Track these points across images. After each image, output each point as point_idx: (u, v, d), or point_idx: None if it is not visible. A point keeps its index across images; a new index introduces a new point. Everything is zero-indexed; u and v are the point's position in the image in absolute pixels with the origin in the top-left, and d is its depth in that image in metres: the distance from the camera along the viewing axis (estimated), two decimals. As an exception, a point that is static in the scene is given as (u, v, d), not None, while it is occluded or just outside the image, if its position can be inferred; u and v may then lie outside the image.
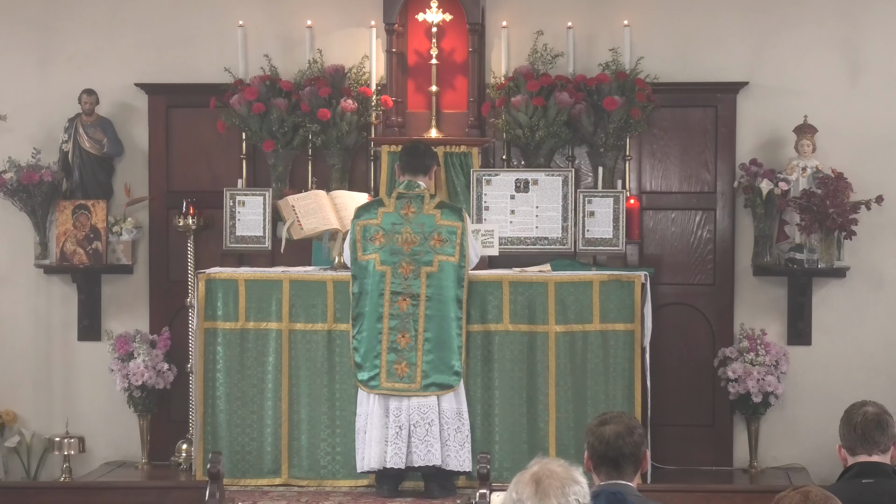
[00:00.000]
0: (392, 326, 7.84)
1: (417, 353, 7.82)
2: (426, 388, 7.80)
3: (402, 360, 7.81)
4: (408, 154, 8.11)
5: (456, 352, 7.86)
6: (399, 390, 7.79)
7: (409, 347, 7.83)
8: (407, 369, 7.81)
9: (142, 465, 8.99)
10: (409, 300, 7.86)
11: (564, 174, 8.79)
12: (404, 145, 8.35)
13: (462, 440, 7.86)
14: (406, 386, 7.79)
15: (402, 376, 7.80)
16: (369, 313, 7.87)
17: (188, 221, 8.91)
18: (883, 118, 9.01)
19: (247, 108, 8.92)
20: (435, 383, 7.81)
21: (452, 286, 7.89)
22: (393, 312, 7.84)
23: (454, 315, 7.88)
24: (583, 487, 3.82)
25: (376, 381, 7.81)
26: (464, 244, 7.92)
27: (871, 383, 8.71)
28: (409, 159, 8.07)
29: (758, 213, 8.82)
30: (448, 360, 7.84)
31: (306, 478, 8.17)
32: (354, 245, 7.94)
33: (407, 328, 7.84)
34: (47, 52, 9.38)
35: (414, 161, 8.05)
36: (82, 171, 9.18)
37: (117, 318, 9.32)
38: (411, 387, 7.79)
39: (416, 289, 7.85)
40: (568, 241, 8.71)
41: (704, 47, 9.11)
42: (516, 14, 9.12)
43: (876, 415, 5.25)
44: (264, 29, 9.25)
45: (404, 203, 7.95)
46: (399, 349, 7.82)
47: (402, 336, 7.84)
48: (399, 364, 7.81)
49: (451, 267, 7.89)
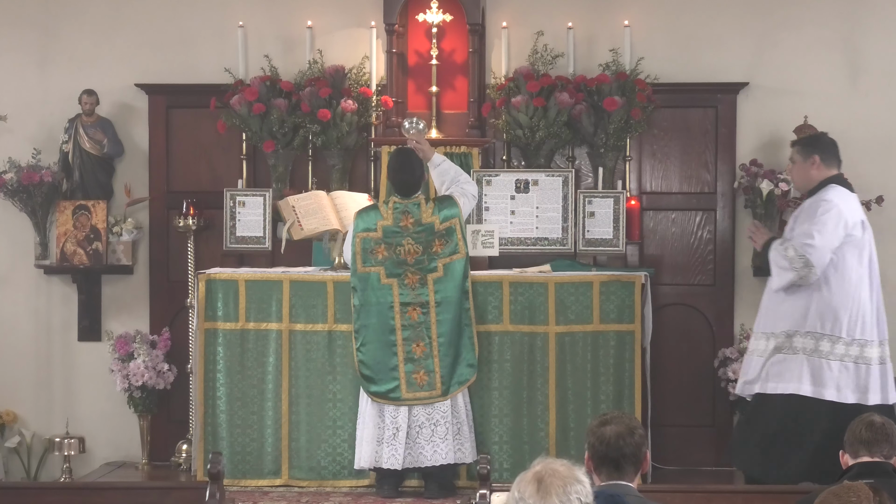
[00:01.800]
0: (406, 337, 7.83)
1: (434, 360, 7.81)
2: (448, 391, 7.81)
3: (420, 368, 7.82)
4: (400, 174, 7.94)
5: (468, 344, 7.88)
6: (422, 399, 7.80)
7: (424, 355, 7.83)
8: (426, 377, 7.81)
9: (142, 465, 8.99)
10: (420, 309, 7.85)
11: (565, 175, 8.80)
12: (392, 163, 8.11)
13: (466, 432, 7.87)
14: (428, 394, 7.81)
15: (423, 385, 7.80)
16: (376, 326, 7.85)
17: (188, 222, 8.91)
18: (883, 119, 9.02)
19: (247, 109, 8.92)
20: (457, 382, 7.84)
21: (459, 282, 7.88)
22: (405, 323, 7.84)
23: (463, 308, 7.90)
24: (585, 487, 3.83)
25: (397, 393, 7.80)
26: (463, 232, 7.90)
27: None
28: (403, 178, 7.92)
29: (758, 213, 8.82)
30: (463, 355, 7.87)
31: (306, 478, 8.17)
32: (355, 257, 7.92)
33: (421, 337, 7.84)
34: (47, 53, 9.39)
35: (409, 179, 7.91)
36: (82, 172, 9.18)
37: (117, 318, 9.32)
38: (433, 394, 7.81)
39: (424, 297, 7.85)
40: (568, 242, 8.72)
41: (705, 48, 9.12)
42: (516, 14, 9.12)
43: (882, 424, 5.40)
44: (264, 29, 9.26)
45: (401, 214, 7.91)
46: (415, 358, 7.82)
47: (417, 345, 7.84)
48: (417, 373, 7.81)
49: (456, 265, 7.89)
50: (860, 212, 7.62)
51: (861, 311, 7.46)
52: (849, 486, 4.25)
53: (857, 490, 4.21)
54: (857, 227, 7.51)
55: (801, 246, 7.41)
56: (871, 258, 7.58)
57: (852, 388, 7.41)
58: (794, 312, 7.49)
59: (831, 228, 7.42)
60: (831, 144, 7.71)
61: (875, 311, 7.53)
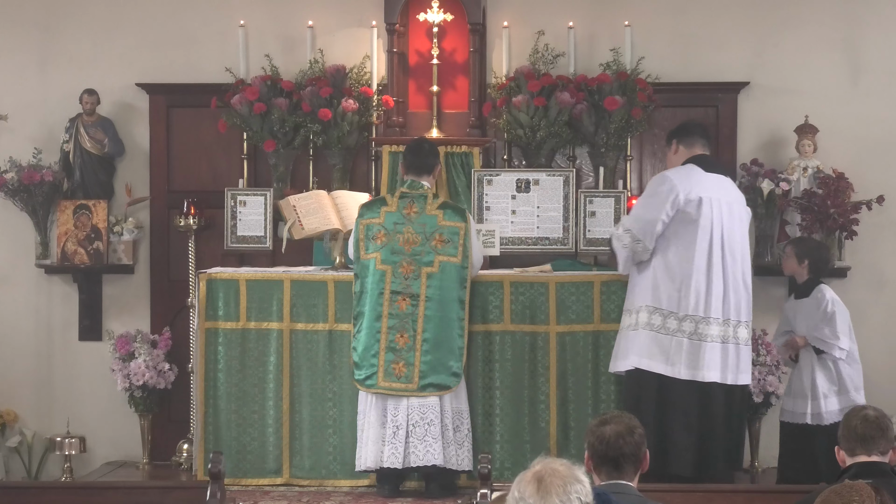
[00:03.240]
0: (391, 326, 7.83)
1: (416, 354, 7.81)
2: (423, 388, 7.78)
3: (400, 359, 7.80)
4: (412, 153, 8.09)
5: (456, 353, 7.85)
6: (396, 390, 7.78)
7: (407, 347, 7.82)
8: (404, 369, 7.80)
9: (143, 465, 8.99)
10: (409, 300, 7.85)
11: (565, 174, 8.79)
12: (409, 144, 8.32)
13: (461, 439, 7.86)
14: (403, 386, 7.78)
15: (400, 376, 7.79)
16: (368, 312, 7.86)
17: (189, 221, 8.91)
18: (884, 118, 9.02)
19: (248, 108, 8.92)
20: (433, 384, 7.80)
21: (454, 287, 7.87)
22: (392, 312, 7.84)
23: (456, 316, 7.87)
24: (585, 486, 3.83)
25: (373, 381, 7.79)
26: (466, 245, 7.90)
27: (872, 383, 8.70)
28: (413, 159, 8.05)
29: (759, 213, 8.82)
30: (446, 361, 7.82)
31: (307, 478, 8.17)
32: (357, 243, 7.93)
33: (406, 328, 7.83)
34: (48, 53, 9.39)
35: (418, 161, 8.04)
36: (83, 171, 9.19)
37: (118, 318, 9.32)
38: (408, 387, 7.78)
39: (415, 289, 7.84)
40: (569, 242, 8.72)
41: (705, 47, 9.12)
42: (517, 14, 9.12)
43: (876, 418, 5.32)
44: (265, 29, 9.26)
45: (407, 202, 7.94)
46: (397, 349, 7.81)
47: (401, 336, 7.83)
48: (397, 364, 7.80)
49: (453, 268, 7.88)
50: (709, 190, 7.64)
51: (696, 288, 7.54)
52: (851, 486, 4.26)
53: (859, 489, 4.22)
54: (692, 205, 7.59)
55: (627, 221, 7.74)
56: (723, 237, 7.59)
57: (686, 364, 7.51)
58: (642, 289, 7.69)
59: (656, 203, 7.62)
60: (693, 127, 7.96)
61: (722, 290, 7.56)
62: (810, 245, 8.28)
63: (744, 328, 7.67)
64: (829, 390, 7.96)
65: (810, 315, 8.05)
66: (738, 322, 7.64)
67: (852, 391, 7.95)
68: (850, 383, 7.97)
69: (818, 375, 7.97)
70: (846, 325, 7.97)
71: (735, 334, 7.60)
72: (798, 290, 8.17)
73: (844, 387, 7.96)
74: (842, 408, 7.84)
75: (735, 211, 7.72)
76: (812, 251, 8.18)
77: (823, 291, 8.04)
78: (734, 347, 7.61)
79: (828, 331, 7.91)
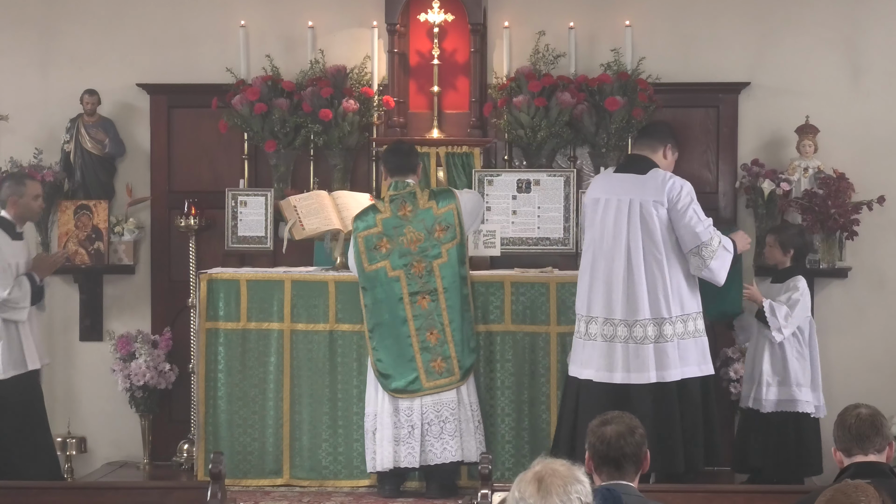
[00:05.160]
0: (418, 327, 7.84)
1: (449, 346, 7.83)
2: (464, 376, 7.85)
3: (437, 356, 7.83)
4: (394, 155, 8.07)
5: (469, 329, 7.91)
6: (443, 386, 7.81)
7: (439, 342, 7.84)
8: (443, 364, 7.82)
9: (143, 465, 9.00)
10: (429, 297, 7.86)
11: (566, 174, 8.80)
12: (387, 147, 8.31)
13: (473, 430, 7.87)
14: (448, 381, 7.82)
15: (441, 372, 7.82)
16: (389, 321, 7.86)
17: (190, 222, 8.92)
18: (884, 118, 9.02)
19: (248, 109, 8.93)
20: (467, 367, 7.87)
21: (457, 265, 7.90)
22: (416, 313, 7.84)
23: (463, 293, 7.92)
24: (585, 486, 3.83)
25: (417, 384, 7.80)
26: (461, 220, 7.91)
27: (872, 383, 8.72)
28: (397, 160, 8.04)
29: (759, 213, 8.82)
30: (468, 339, 7.88)
31: (308, 478, 8.18)
32: (359, 256, 7.92)
33: (433, 325, 7.85)
34: (49, 53, 9.39)
35: (402, 161, 8.03)
36: (84, 172, 9.19)
37: (119, 318, 9.32)
38: (452, 380, 7.83)
39: (432, 284, 7.86)
40: (570, 242, 8.72)
41: (706, 48, 9.12)
42: (518, 14, 9.12)
43: (870, 416, 5.28)
44: (266, 29, 9.26)
45: (399, 204, 7.94)
46: (431, 347, 7.83)
47: (431, 333, 7.85)
48: (434, 361, 7.82)
49: (455, 250, 7.91)
50: (608, 191, 7.56)
51: (592, 289, 7.51)
52: (856, 486, 4.25)
53: (864, 489, 4.21)
54: (589, 207, 7.63)
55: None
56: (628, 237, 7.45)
57: (596, 367, 7.42)
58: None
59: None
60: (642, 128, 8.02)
61: (624, 290, 7.40)
62: (793, 233, 8.26)
63: (651, 326, 7.37)
64: (773, 379, 7.93)
65: (778, 294, 8.01)
66: (640, 321, 7.37)
67: (794, 386, 7.90)
68: (794, 377, 7.90)
69: (765, 362, 7.94)
70: (798, 320, 7.91)
71: (631, 334, 7.39)
72: (776, 276, 8.17)
73: (787, 379, 7.91)
74: (779, 399, 7.86)
75: (644, 210, 7.42)
76: (795, 239, 8.17)
77: (797, 281, 8.00)
78: (629, 347, 7.38)
79: (782, 312, 7.86)
